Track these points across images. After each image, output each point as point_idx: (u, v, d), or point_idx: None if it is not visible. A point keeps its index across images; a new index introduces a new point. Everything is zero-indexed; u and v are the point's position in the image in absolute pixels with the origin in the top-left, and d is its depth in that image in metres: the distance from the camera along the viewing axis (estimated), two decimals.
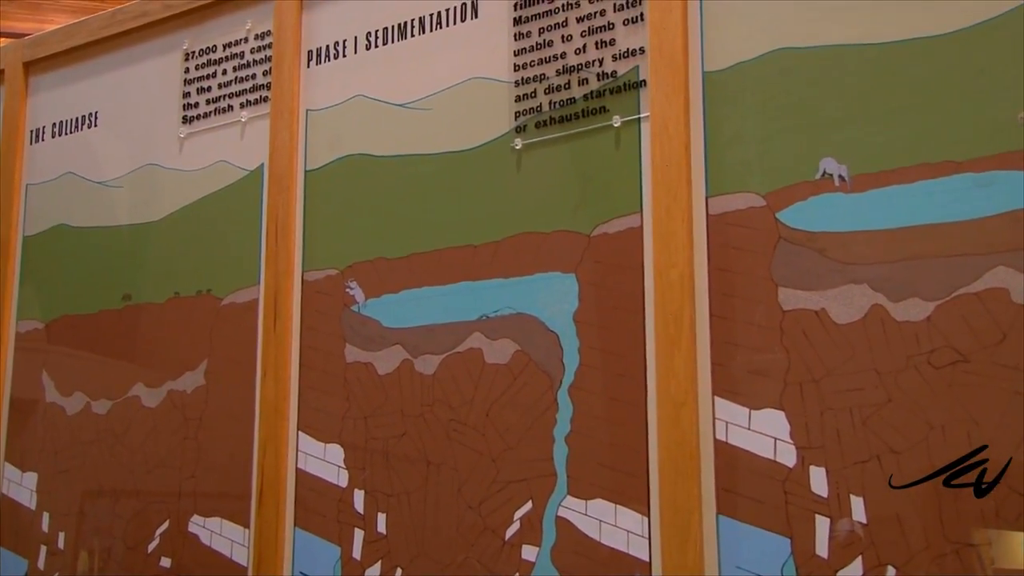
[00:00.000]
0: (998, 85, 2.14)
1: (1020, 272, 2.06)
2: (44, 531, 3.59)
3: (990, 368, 2.08)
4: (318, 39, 3.23)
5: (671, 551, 2.37)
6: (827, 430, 2.25)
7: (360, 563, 2.87)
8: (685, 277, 2.44)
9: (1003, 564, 2.03)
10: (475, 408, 2.74)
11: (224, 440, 3.22)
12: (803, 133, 2.37)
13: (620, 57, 2.66)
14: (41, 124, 3.90)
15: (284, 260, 3.13)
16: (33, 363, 3.75)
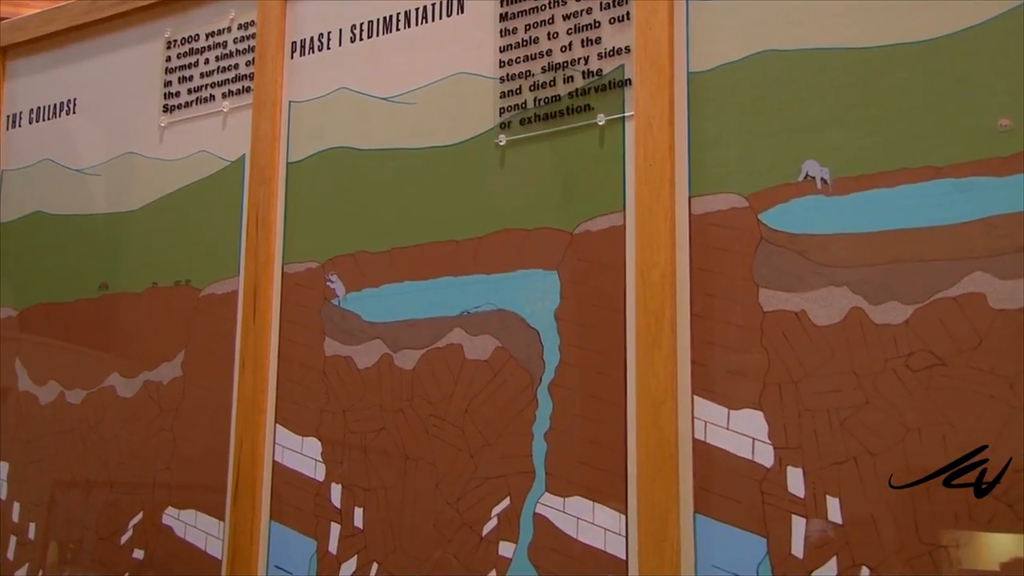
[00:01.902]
0: (978, 92, 2.19)
1: (997, 278, 2.11)
2: (14, 521, 3.62)
3: (967, 372, 2.12)
4: (302, 31, 3.25)
5: (648, 549, 2.41)
6: (805, 431, 2.29)
7: (336, 557, 2.90)
8: (667, 276, 2.47)
9: (970, 565, 2.08)
10: (454, 404, 2.77)
11: (200, 432, 3.24)
12: (786, 135, 2.40)
13: (605, 56, 2.69)
14: (18, 109, 3.92)
15: (264, 252, 3.16)
16: (6, 351, 3.77)
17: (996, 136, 2.15)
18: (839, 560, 2.21)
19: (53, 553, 3.50)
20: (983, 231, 2.14)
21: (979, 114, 2.18)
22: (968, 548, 2.10)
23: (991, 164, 2.14)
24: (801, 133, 2.39)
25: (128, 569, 3.30)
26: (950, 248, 2.17)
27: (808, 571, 2.24)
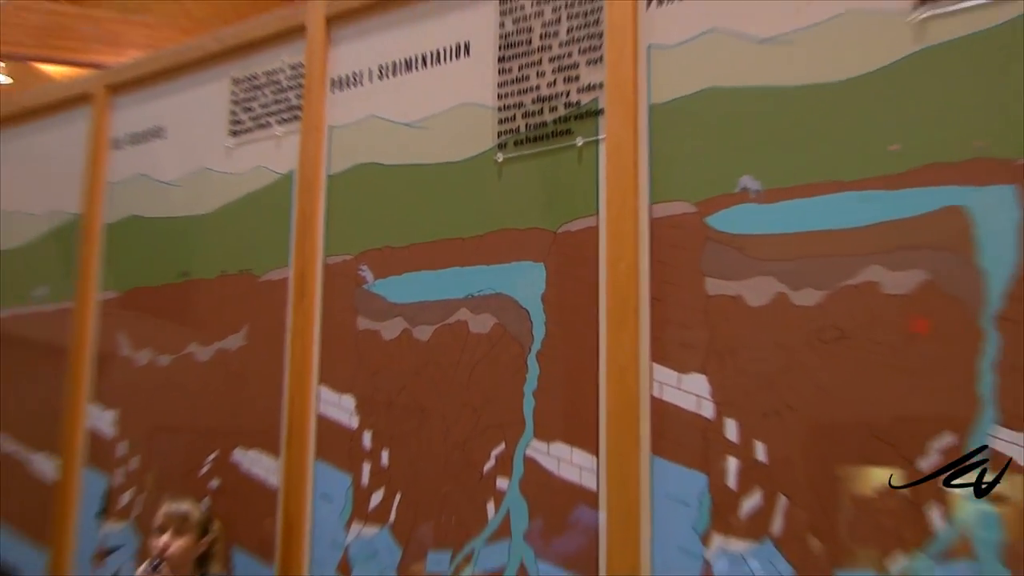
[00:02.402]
0: (875, 122, 2.30)
1: (888, 269, 2.22)
2: (121, 456, 3.67)
3: (865, 343, 2.24)
4: (340, 70, 3.30)
5: (615, 483, 2.52)
6: (739, 390, 2.40)
7: (367, 489, 2.99)
8: (631, 268, 2.57)
9: (857, 491, 2.20)
10: (461, 368, 2.85)
11: (260, 389, 3.29)
12: (726, 155, 2.50)
13: (583, 90, 2.78)
14: (120, 135, 3.94)
15: (309, 247, 3.22)
16: (110, 325, 3.81)
17: (888, 158, 2.26)
18: (763, 490, 2.32)
19: (150, 481, 3.55)
20: (879, 233, 2.25)
21: (875, 141, 2.29)
22: (847, 483, 2.23)
23: (885, 180, 2.26)
24: (738, 153, 2.48)
25: (206, 494, 3.35)
26: (853, 246, 2.28)
27: (739, 499, 2.35)
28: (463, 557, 2.76)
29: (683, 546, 2.41)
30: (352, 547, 2.98)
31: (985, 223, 2.12)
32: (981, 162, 2.15)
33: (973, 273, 2.11)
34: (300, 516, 3.07)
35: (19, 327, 4.15)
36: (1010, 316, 2.07)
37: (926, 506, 2.10)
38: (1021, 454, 2.01)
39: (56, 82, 4.29)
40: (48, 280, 4.07)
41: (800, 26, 2.43)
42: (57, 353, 3.91)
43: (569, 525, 2.60)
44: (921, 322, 2.17)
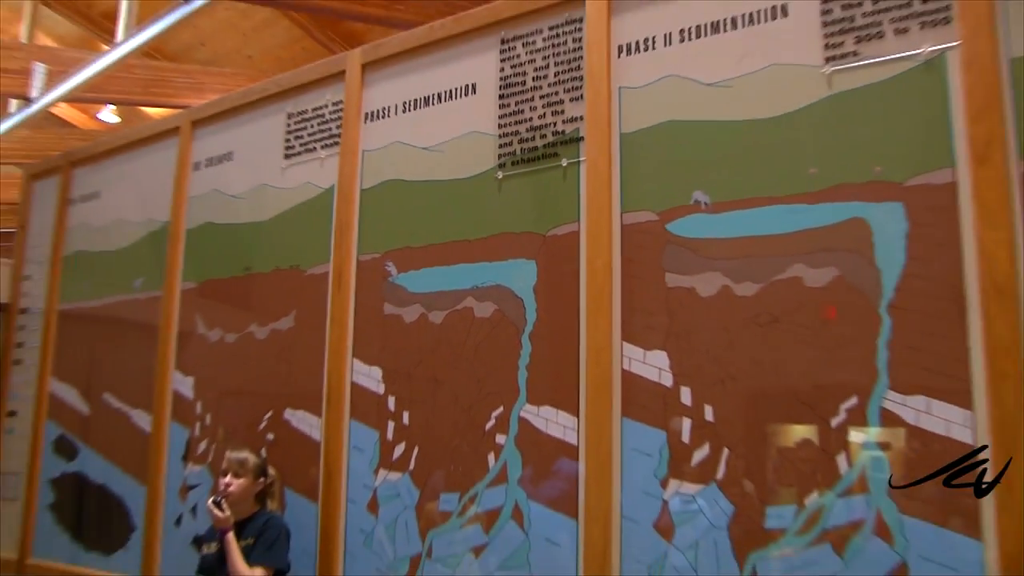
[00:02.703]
0: (797, 150, 2.32)
1: (809, 267, 2.25)
2: (198, 413, 3.70)
3: (791, 326, 2.26)
4: (372, 105, 3.30)
5: (592, 439, 2.53)
6: (692, 364, 2.41)
7: (391, 443, 2.99)
8: (606, 265, 2.58)
9: (783, 443, 2.24)
10: (467, 346, 2.85)
11: (305, 361, 3.29)
12: (682, 174, 2.51)
13: (567, 121, 2.78)
14: (199, 159, 3.96)
15: (346, 247, 3.22)
16: (190, 309, 3.83)
17: (808, 179, 2.29)
18: (711, 443, 2.34)
19: (221, 434, 3.59)
20: (801, 238, 2.28)
21: (798, 165, 2.31)
22: (776, 437, 2.26)
23: (806, 196, 2.28)
24: (692, 173, 2.49)
25: (264, 445, 3.37)
26: (782, 248, 2.30)
27: (691, 451, 2.37)
28: (468, 498, 2.77)
29: (646, 490, 2.43)
30: (379, 489, 2.99)
31: (881, 231, 2.17)
32: (878, 184, 2.20)
33: (872, 271, 2.16)
34: (338, 464, 3.09)
35: (122, 311, 4.20)
36: (900, 304, 2.12)
37: (836, 454, 2.14)
38: (908, 413, 2.06)
39: (153, 120, 4.42)
40: (143, 274, 4.10)
41: (738, 74, 2.46)
42: (150, 331, 3.96)
43: (554, 473, 2.61)
44: (833, 309, 2.21)
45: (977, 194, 2.05)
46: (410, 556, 2.86)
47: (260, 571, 2.90)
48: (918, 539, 2.02)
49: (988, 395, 1.98)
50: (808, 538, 2.15)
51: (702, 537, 2.31)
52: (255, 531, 2.98)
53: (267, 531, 2.98)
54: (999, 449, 1.95)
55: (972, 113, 2.09)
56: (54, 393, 4.41)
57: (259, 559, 2.92)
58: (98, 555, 3.98)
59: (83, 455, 4.18)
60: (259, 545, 2.94)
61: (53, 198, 4.71)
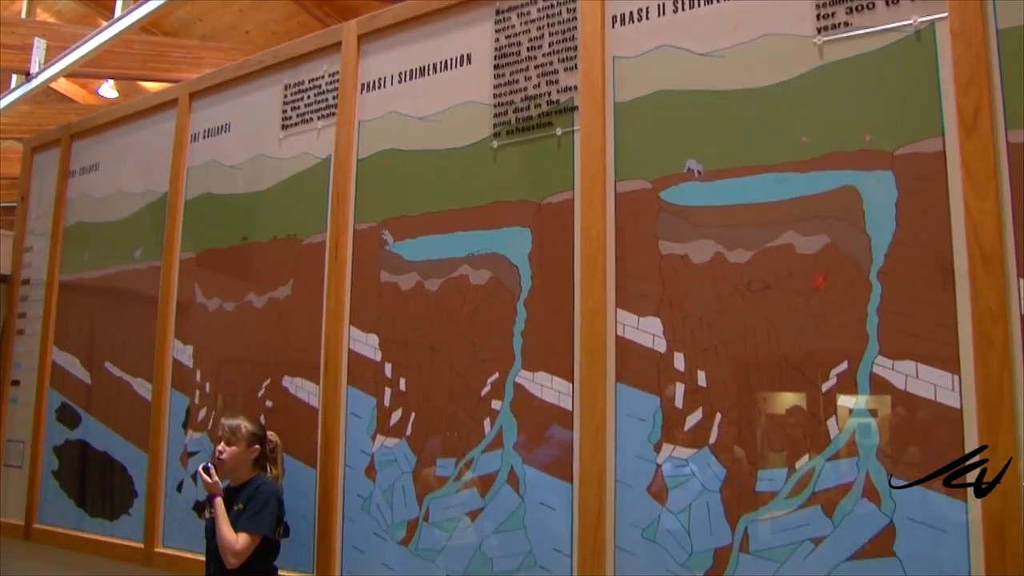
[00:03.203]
0: (789, 120, 2.32)
1: (801, 235, 2.25)
2: (197, 381, 3.70)
3: (782, 293, 2.27)
4: (368, 76, 3.29)
5: (587, 404, 2.54)
6: (685, 330, 2.41)
7: (388, 409, 2.99)
8: (600, 233, 2.58)
9: (771, 410, 2.25)
10: (463, 313, 2.85)
11: (303, 329, 3.30)
12: (675, 142, 2.50)
13: (562, 91, 2.77)
14: (197, 130, 3.94)
15: (342, 216, 3.21)
16: (188, 279, 3.82)
17: (800, 147, 2.29)
18: (703, 409, 2.35)
19: (220, 402, 3.59)
20: (793, 206, 2.28)
21: (790, 134, 2.31)
22: (768, 402, 2.27)
23: (797, 165, 2.29)
24: (685, 142, 2.48)
25: (263, 412, 3.37)
26: (774, 216, 2.30)
27: (684, 416, 2.37)
28: (464, 463, 2.77)
29: (640, 454, 2.43)
30: (377, 455, 2.99)
31: (871, 199, 2.18)
32: (869, 152, 2.20)
33: (863, 238, 2.17)
34: (335, 430, 3.09)
35: (122, 281, 4.18)
36: (889, 271, 2.13)
37: (827, 419, 2.15)
38: (898, 378, 2.07)
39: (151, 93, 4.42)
40: (143, 244, 4.09)
41: (731, 44, 2.46)
42: (149, 301, 3.96)
43: (549, 438, 2.61)
44: (822, 279, 2.21)
45: (965, 163, 2.05)
46: (407, 520, 2.87)
47: (244, 537, 2.86)
48: (905, 501, 2.04)
49: (975, 361, 1.99)
50: (798, 501, 2.16)
51: (695, 500, 2.32)
52: (246, 497, 2.96)
53: (255, 497, 2.94)
54: (984, 414, 1.96)
55: (961, 83, 2.09)
56: (56, 362, 4.41)
57: (244, 526, 2.89)
58: (102, 521, 3.99)
59: (85, 423, 4.18)
60: (247, 511, 2.92)
61: (53, 170, 4.69)
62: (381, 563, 2.92)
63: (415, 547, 2.84)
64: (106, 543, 3.91)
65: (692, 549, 2.30)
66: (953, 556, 1.97)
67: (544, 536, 2.57)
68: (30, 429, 4.44)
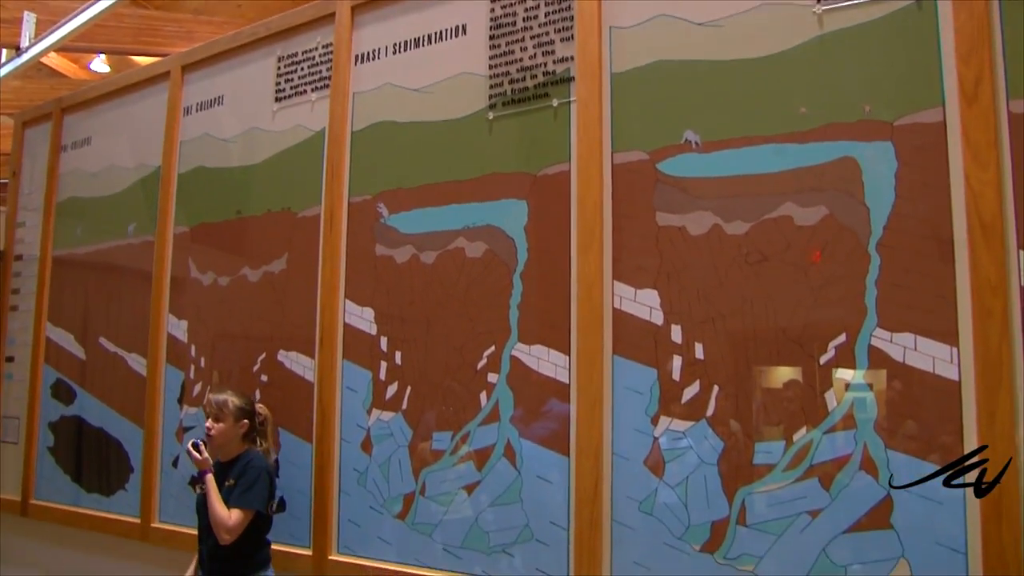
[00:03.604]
0: (788, 90, 2.30)
1: (799, 206, 2.24)
2: (192, 356, 3.70)
3: (780, 265, 2.26)
4: (363, 47, 3.26)
5: (583, 377, 2.53)
6: (682, 302, 2.41)
7: (384, 383, 2.99)
8: (597, 204, 2.56)
9: (767, 384, 2.25)
10: (459, 286, 2.84)
11: (298, 303, 3.29)
12: (673, 113, 2.48)
13: (558, 62, 2.75)
14: (190, 103, 3.91)
15: (337, 189, 3.20)
16: (183, 253, 3.81)
17: (798, 118, 2.28)
18: (701, 381, 2.35)
19: (215, 377, 3.59)
20: (791, 177, 2.27)
21: (788, 104, 2.30)
22: (766, 375, 2.26)
23: (796, 135, 2.27)
24: (682, 112, 2.46)
25: (258, 387, 3.38)
26: (772, 187, 2.29)
27: (682, 389, 2.37)
28: (460, 437, 2.77)
29: (637, 427, 2.43)
30: (373, 428, 3.00)
31: (870, 171, 2.17)
32: (868, 123, 2.19)
33: (861, 209, 2.16)
34: (331, 404, 3.10)
35: (116, 256, 4.16)
36: (888, 243, 2.12)
37: (824, 391, 2.15)
38: (896, 350, 2.07)
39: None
40: (136, 219, 4.07)
41: (729, 13, 2.44)
42: (143, 275, 3.95)
43: (546, 411, 2.61)
44: (818, 254, 2.20)
45: (965, 133, 2.04)
46: (403, 494, 2.87)
47: (237, 513, 2.86)
48: (902, 472, 2.04)
49: (974, 333, 1.98)
50: (796, 473, 2.16)
51: (692, 473, 2.32)
52: (237, 472, 2.95)
53: (247, 473, 2.93)
54: (982, 386, 1.96)
55: (962, 52, 2.07)
56: (50, 338, 4.40)
57: (236, 502, 2.88)
58: (98, 496, 4.00)
59: (81, 399, 4.18)
60: (238, 487, 2.91)
61: (45, 145, 4.66)
62: (377, 537, 2.93)
63: (411, 521, 2.84)
64: (102, 518, 3.91)
65: (689, 522, 2.30)
66: (949, 528, 1.97)
67: (541, 509, 2.57)
68: (25, 405, 4.45)
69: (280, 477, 3.16)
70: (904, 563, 2.01)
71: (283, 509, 3.10)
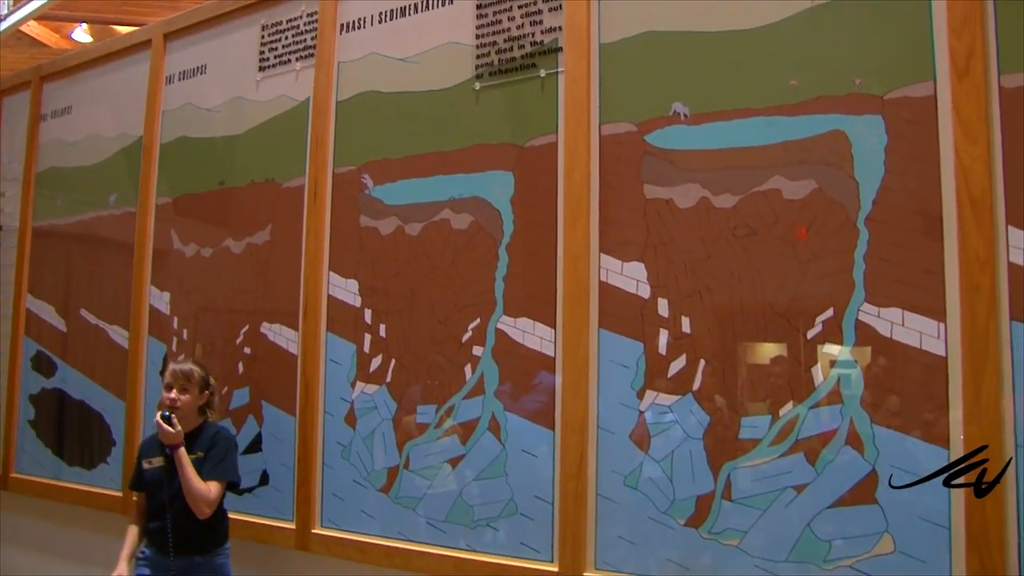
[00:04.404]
0: (778, 62, 2.30)
1: (788, 179, 2.24)
2: (175, 328, 3.68)
3: (768, 239, 2.26)
4: (348, 16, 3.24)
5: (569, 351, 2.53)
6: (669, 276, 2.41)
7: (368, 355, 2.99)
8: (584, 176, 2.56)
9: (753, 360, 2.26)
10: (444, 258, 2.84)
11: (282, 275, 3.28)
12: (661, 85, 2.47)
13: (545, 32, 2.73)
14: (173, 72, 3.88)
15: (321, 159, 3.18)
16: (165, 225, 3.78)
17: (788, 90, 2.27)
18: (687, 355, 2.35)
19: (198, 350, 3.57)
20: (780, 150, 2.27)
21: (778, 77, 2.29)
22: (752, 349, 2.27)
23: (785, 108, 2.27)
24: (671, 84, 2.46)
25: (241, 359, 3.37)
26: (761, 160, 2.29)
27: (668, 363, 2.38)
28: (445, 410, 2.78)
29: (623, 401, 2.44)
30: (357, 402, 3.00)
31: (860, 144, 2.17)
32: (858, 96, 2.19)
33: (850, 183, 2.16)
34: (315, 377, 3.09)
35: (97, 227, 4.14)
36: (877, 217, 2.13)
37: (811, 366, 2.16)
38: (883, 325, 2.08)
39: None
40: (118, 189, 4.04)
41: None
42: (125, 247, 3.92)
43: (532, 384, 2.61)
44: (804, 231, 2.21)
45: (956, 107, 2.04)
46: (388, 468, 2.88)
47: (216, 485, 2.85)
48: (887, 448, 2.05)
49: (961, 308, 1.99)
50: (781, 448, 2.17)
51: (677, 448, 2.33)
52: (205, 444, 2.92)
53: (217, 444, 2.92)
54: (969, 362, 1.97)
55: (954, 26, 2.07)
56: (31, 310, 4.38)
57: (213, 474, 2.86)
58: (80, 470, 3.99)
59: (62, 371, 4.17)
60: (210, 459, 2.89)
61: (24, 114, 4.61)
62: (361, 511, 2.93)
63: (396, 494, 2.85)
64: (84, 492, 3.91)
65: (674, 496, 2.31)
66: (933, 503, 1.98)
67: (525, 483, 2.58)
68: (5, 378, 4.43)
69: (263, 450, 3.15)
70: (888, 538, 2.03)
71: (266, 483, 3.09)
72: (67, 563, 4.01)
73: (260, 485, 3.20)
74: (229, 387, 3.39)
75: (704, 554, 2.26)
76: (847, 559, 2.07)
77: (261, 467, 3.23)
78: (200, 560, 2.88)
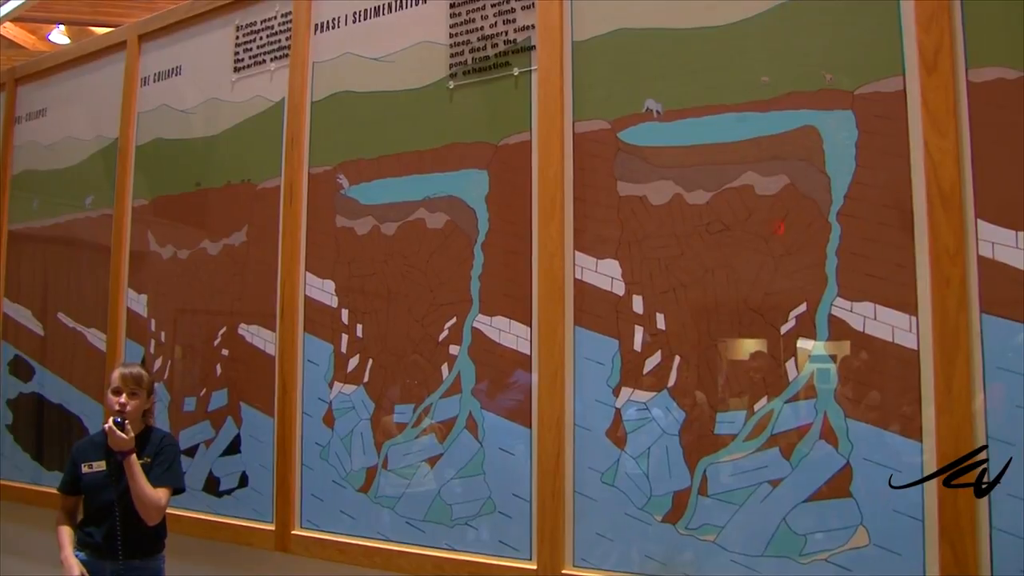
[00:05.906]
0: (750, 58, 2.31)
1: (761, 175, 2.25)
2: (152, 330, 3.67)
3: (741, 234, 2.26)
4: (322, 16, 3.23)
5: (545, 349, 2.53)
6: (643, 272, 2.41)
7: (345, 355, 2.98)
8: (558, 174, 2.56)
9: (732, 356, 2.26)
10: (420, 257, 2.83)
11: (259, 276, 3.27)
12: (634, 82, 2.48)
13: (519, 30, 2.73)
14: (148, 73, 3.86)
15: (296, 160, 3.17)
16: (142, 226, 3.76)
17: (760, 87, 2.28)
18: (662, 352, 2.35)
19: (177, 351, 3.55)
20: (752, 146, 2.27)
21: (750, 73, 2.30)
22: (727, 345, 2.27)
23: (757, 104, 2.28)
24: (643, 81, 2.46)
25: (219, 361, 3.36)
26: (733, 156, 2.29)
27: (643, 359, 2.38)
28: (423, 409, 2.77)
29: (599, 398, 2.44)
30: (334, 402, 2.99)
31: (831, 139, 2.18)
32: (829, 92, 2.20)
33: (822, 179, 2.17)
34: (292, 377, 3.08)
35: (74, 229, 4.11)
36: (849, 212, 2.13)
37: (785, 361, 2.17)
38: (856, 319, 2.09)
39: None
40: (94, 191, 4.02)
41: None
42: (102, 249, 3.90)
43: (508, 382, 2.61)
44: (782, 225, 2.21)
45: (925, 102, 2.05)
46: (366, 467, 2.87)
47: (164, 492, 2.84)
48: (862, 442, 2.06)
49: (932, 301, 2.00)
50: (757, 443, 2.18)
51: (654, 444, 2.33)
52: (152, 450, 2.91)
53: (165, 451, 2.91)
54: (940, 354, 1.98)
55: (922, 21, 2.08)
56: (8, 314, 4.35)
57: (161, 480, 2.85)
58: (59, 474, 3.92)
59: (39, 375, 4.14)
60: (158, 465, 2.88)
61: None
62: (340, 511, 2.93)
63: (374, 494, 2.84)
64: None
65: (651, 493, 2.32)
66: (907, 496, 1.99)
67: (503, 481, 2.58)
68: None
69: (242, 452, 3.15)
70: (863, 530, 2.04)
71: (245, 484, 3.08)
72: (44, 567, 3.98)
73: (239, 487, 3.19)
74: (207, 389, 3.37)
75: (682, 550, 2.26)
76: (823, 552, 2.08)
77: (240, 469, 3.21)
78: (138, 564, 2.86)
